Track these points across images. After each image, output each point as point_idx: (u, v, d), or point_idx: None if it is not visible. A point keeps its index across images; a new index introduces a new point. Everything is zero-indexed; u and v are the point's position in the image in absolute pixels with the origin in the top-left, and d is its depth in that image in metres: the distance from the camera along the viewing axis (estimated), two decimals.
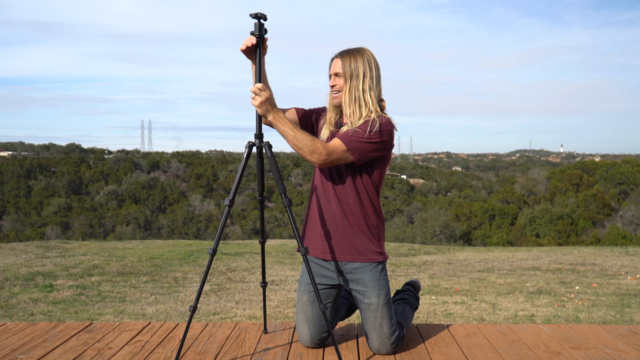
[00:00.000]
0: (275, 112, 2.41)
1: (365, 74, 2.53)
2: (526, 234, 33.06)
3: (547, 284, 6.81)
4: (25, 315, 4.98)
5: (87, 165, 61.86)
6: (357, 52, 2.56)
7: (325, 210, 2.61)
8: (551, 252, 11.24)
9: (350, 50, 2.58)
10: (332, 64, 2.60)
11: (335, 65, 2.58)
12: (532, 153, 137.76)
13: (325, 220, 2.61)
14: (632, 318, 5.04)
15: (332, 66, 2.61)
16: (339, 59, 2.57)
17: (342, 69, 2.54)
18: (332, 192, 2.59)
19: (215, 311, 5.24)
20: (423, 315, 5.09)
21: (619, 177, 38.51)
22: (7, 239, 35.64)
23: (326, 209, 2.61)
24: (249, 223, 45.22)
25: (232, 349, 2.71)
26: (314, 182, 2.68)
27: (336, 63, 2.58)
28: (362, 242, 2.58)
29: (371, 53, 2.58)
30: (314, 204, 2.65)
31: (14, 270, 7.07)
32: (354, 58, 2.54)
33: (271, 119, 2.41)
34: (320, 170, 2.62)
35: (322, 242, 2.62)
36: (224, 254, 9.21)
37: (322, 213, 2.62)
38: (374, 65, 2.56)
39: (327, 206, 2.61)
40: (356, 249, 2.57)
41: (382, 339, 2.56)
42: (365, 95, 2.52)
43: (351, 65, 2.53)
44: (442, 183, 64.55)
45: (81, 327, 3.08)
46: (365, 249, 2.58)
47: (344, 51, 2.59)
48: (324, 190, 2.61)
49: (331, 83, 2.60)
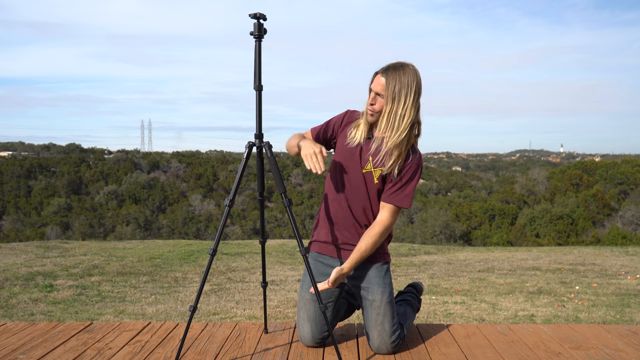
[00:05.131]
0: (348, 270, 2.52)
1: (407, 98, 2.42)
2: (526, 234, 33.08)
3: (547, 284, 6.81)
4: (25, 315, 4.98)
5: (87, 165, 61.87)
6: (403, 71, 2.42)
7: (337, 211, 2.64)
8: (551, 252, 11.24)
9: (397, 67, 2.43)
10: (375, 80, 2.47)
11: (378, 84, 2.45)
12: (532, 153, 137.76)
13: (337, 220, 2.65)
14: (632, 318, 5.04)
15: (374, 83, 2.47)
16: (383, 78, 2.44)
17: (386, 91, 2.42)
18: (344, 196, 2.61)
19: (215, 311, 5.24)
20: (423, 315, 5.09)
21: (619, 177, 38.53)
22: (7, 239, 35.61)
23: (338, 210, 2.64)
24: (249, 223, 45.21)
25: (232, 349, 2.71)
26: (327, 186, 2.70)
27: (379, 81, 2.45)
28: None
29: (417, 72, 2.45)
30: (328, 204, 2.67)
31: (14, 270, 7.07)
32: (399, 79, 2.41)
33: (349, 271, 2.53)
34: (331, 177, 2.65)
35: (332, 240, 2.66)
36: (224, 254, 9.21)
37: (335, 213, 2.65)
38: (416, 87, 2.43)
39: (339, 207, 2.64)
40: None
41: (382, 337, 2.56)
42: (403, 122, 2.43)
43: (395, 88, 2.41)
44: (442, 183, 64.48)
45: (81, 327, 3.08)
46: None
47: (390, 68, 2.44)
48: (337, 193, 2.64)
49: (370, 101, 2.48)
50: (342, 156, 2.61)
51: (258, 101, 2.47)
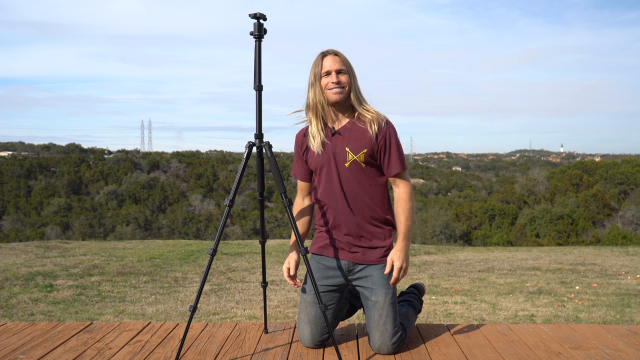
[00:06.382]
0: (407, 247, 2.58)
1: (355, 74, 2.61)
2: (526, 234, 33.07)
3: (547, 284, 6.81)
4: (25, 315, 4.98)
5: (87, 165, 61.81)
6: (337, 50, 2.60)
7: (337, 217, 2.64)
8: (551, 252, 11.24)
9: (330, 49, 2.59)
10: (326, 60, 2.55)
11: (334, 62, 2.54)
12: (532, 153, 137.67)
13: (338, 224, 2.65)
14: (632, 318, 5.04)
15: (327, 64, 2.55)
16: (335, 56, 2.55)
17: (345, 66, 2.55)
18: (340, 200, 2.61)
19: (215, 311, 5.24)
20: (423, 315, 5.09)
21: (619, 177, 38.52)
22: (7, 239, 35.60)
23: (338, 216, 2.64)
24: (249, 223, 45.18)
25: (232, 349, 2.71)
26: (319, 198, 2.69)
27: (334, 59, 2.55)
28: (375, 244, 2.64)
29: None
30: (326, 213, 2.67)
31: (14, 270, 7.07)
32: (343, 56, 2.58)
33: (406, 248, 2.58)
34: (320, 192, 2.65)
35: (336, 242, 2.66)
36: (224, 254, 9.21)
37: (335, 220, 2.65)
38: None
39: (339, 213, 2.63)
40: (369, 250, 2.63)
41: (384, 337, 2.56)
42: (361, 94, 2.62)
43: (348, 62, 2.57)
44: (442, 183, 64.48)
45: (81, 327, 3.08)
46: (377, 252, 2.63)
47: (329, 50, 2.58)
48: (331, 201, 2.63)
49: (333, 80, 2.52)
50: (318, 165, 2.62)
51: (258, 101, 2.47)
